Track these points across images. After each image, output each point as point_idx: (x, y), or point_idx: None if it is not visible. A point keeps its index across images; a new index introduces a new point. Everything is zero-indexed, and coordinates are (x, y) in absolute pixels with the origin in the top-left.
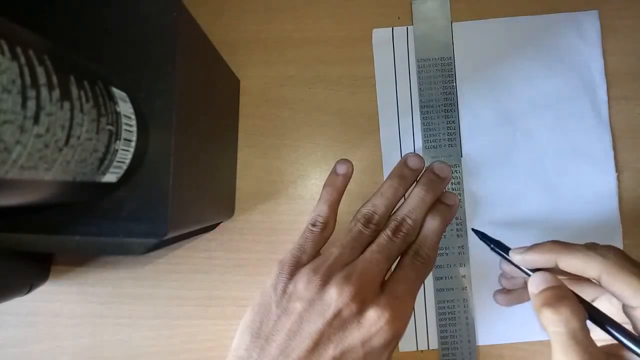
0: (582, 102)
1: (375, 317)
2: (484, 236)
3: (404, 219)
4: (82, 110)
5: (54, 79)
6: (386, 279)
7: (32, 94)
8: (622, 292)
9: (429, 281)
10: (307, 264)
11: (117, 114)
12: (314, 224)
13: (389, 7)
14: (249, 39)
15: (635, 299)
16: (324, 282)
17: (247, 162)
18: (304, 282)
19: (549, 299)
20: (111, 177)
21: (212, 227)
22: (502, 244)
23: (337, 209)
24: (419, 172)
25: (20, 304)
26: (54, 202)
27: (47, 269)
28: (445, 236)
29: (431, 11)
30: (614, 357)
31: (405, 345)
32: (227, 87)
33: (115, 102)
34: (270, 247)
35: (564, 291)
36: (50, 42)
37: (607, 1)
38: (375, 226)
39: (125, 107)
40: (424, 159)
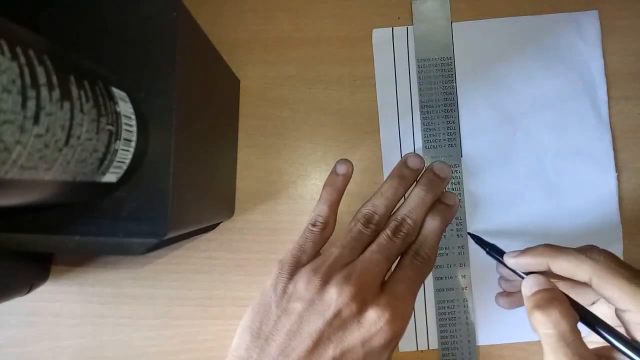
0: (582, 102)
1: (375, 317)
2: (480, 240)
3: (404, 219)
4: (82, 110)
5: (54, 79)
6: (386, 279)
7: (32, 94)
8: (612, 296)
9: (429, 281)
10: (307, 264)
11: (117, 114)
12: (314, 224)
13: (389, 7)
14: (249, 39)
15: (624, 302)
16: (324, 282)
17: (247, 162)
18: (304, 282)
19: (539, 301)
20: (111, 177)
21: (212, 227)
22: (497, 248)
23: (337, 209)
24: (419, 172)
25: (20, 304)
26: (54, 202)
27: (47, 269)
28: (445, 236)
29: (431, 11)
30: (606, 359)
31: (405, 345)
32: (227, 87)
33: (115, 102)
34: (270, 247)
35: (555, 293)
36: (50, 42)
37: (607, 1)
38: (375, 226)
39: (125, 107)
40: (424, 159)
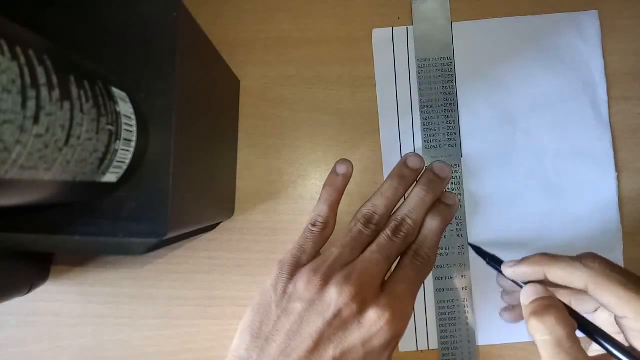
0: (582, 102)
1: (375, 317)
2: (480, 251)
3: (404, 219)
4: (82, 110)
5: (54, 79)
6: (386, 279)
7: (32, 94)
8: (609, 302)
9: (429, 281)
10: (307, 264)
11: (117, 114)
12: (314, 224)
13: (389, 7)
14: (249, 39)
15: (621, 309)
16: (324, 282)
17: (247, 162)
18: (304, 282)
19: (535, 308)
20: (111, 177)
21: (212, 227)
22: (497, 258)
23: (337, 209)
24: (419, 172)
25: (20, 304)
26: (54, 202)
27: (47, 269)
28: (445, 236)
29: (431, 11)
30: None
31: (405, 345)
32: (227, 87)
33: (115, 102)
34: (270, 247)
35: (551, 301)
36: (50, 42)
37: (607, 1)
38: (375, 226)
39: (125, 107)
40: (424, 159)
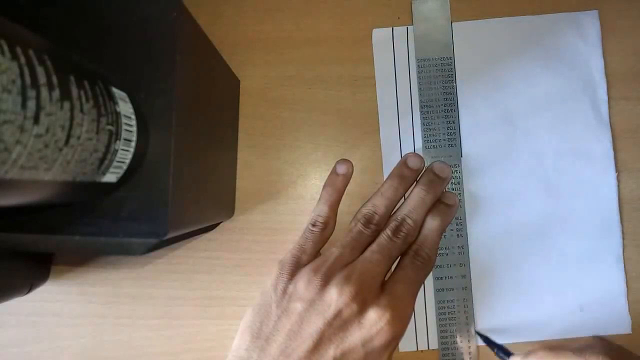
0: (582, 102)
1: (375, 317)
2: (488, 340)
3: (404, 219)
4: (82, 110)
5: (54, 79)
6: (386, 279)
7: (32, 94)
8: None
9: (429, 281)
10: (307, 264)
11: (117, 114)
12: (314, 224)
13: (389, 7)
14: (249, 39)
15: None
16: (324, 282)
17: (247, 162)
18: (304, 282)
19: None
20: (111, 177)
21: (212, 227)
22: (505, 349)
23: (337, 209)
24: (419, 172)
25: (20, 304)
26: (54, 202)
27: (47, 269)
28: (445, 236)
29: (431, 11)
30: None
31: (405, 345)
32: (227, 87)
33: (115, 102)
34: (270, 247)
35: None
36: (50, 42)
37: (607, 1)
38: (375, 226)
39: (125, 107)
40: (424, 159)
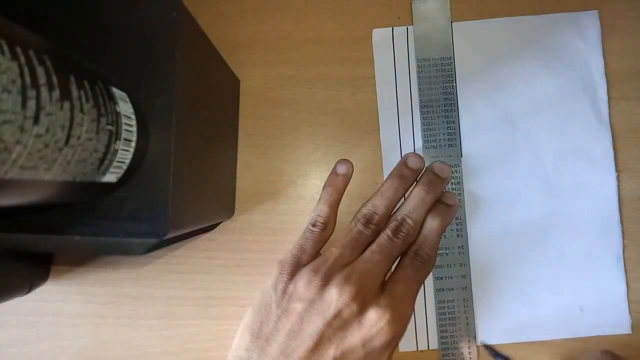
0: (582, 102)
1: (375, 317)
2: (493, 352)
3: (404, 219)
4: (82, 110)
5: (54, 79)
6: (386, 279)
7: (32, 94)
8: None
9: (429, 281)
10: (307, 264)
11: (117, 114)
12: (314, 224)
13: (389, 7)
14: (249, 39)
15: None
16: (324, 282)
17: (247, 162)
18: (304, 282)
19: None
20: (111, 177)
21: (212, 227)
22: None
23: (337, 209)
24: (419, 172)
25: (20, 304)
26: (54, 202)
27: (47, 269)
28: (445, 236)
29: (431, 11)
30: None
31: (405, 345)
32: (227, 87)
33: (115, 102)
34: (270, 247)
35: None
36: (50, 42)
37: (607, 1)
38: (375, 226)
39: (125, 107)
40: (424, 159)
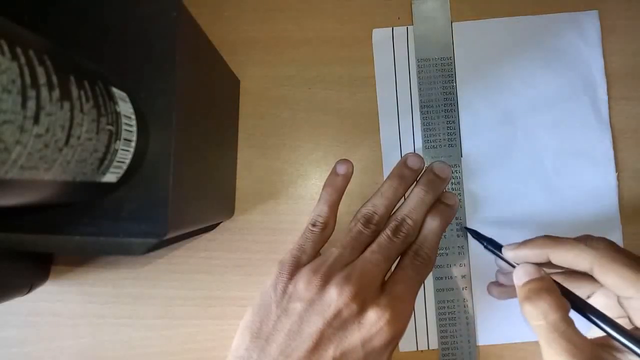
0: (582, 102)
1: (375, 317)
2: (477, 234)
3: (404, 219)
4: (82, 110)
5: (54, 79)
6: (386, 279)
7: (32, 94)
8: (614, 283)
9: (429, 281)
10: (307, 264)
11: (117, 114)
12: (314, 224)
13: (389, 7)
14: (249, 39)
15: (626, 290)
16: (324, 282)
17: (247, 162)
18: (304, 282)
19: (527, 292)
20: (111, 177)
21: (212, 227)
22: (495, 242)
23: (337, 209)
24: (419, 172)
25: (20, 304)
26: (54, 202)
27: (47, 269)
28: (445, 236)
29: (431, 11)
30: (607, 347)
31: (405, 345)
32: (227, 87)
33: (115, 102)
34: (270, 247)
35: (543, 283)
36: (50, 42)
37: (607, 1)
38: (375, 226)
39: (125, 107)
40: (423, 159)
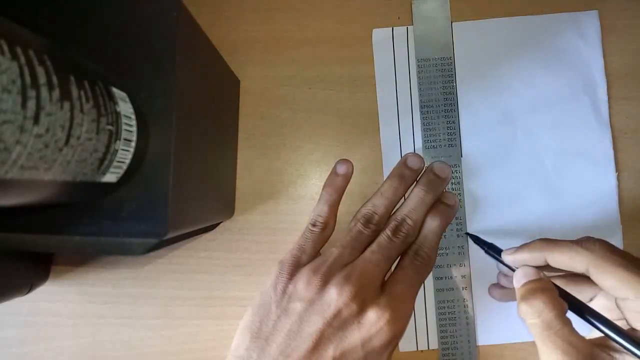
0: (582, 102)
1: (375, 317)
2: (478, 240)
3: (404, 219)
4: (82, 110)
5: (54, 79)
6: (386, 279)
7: (32, 94)
8: (610, 284)
9: (429, 281)
10: (307, 264)
11: (117, 114)
12: (314, 224)
13: (389, 7)
14: (249, 39)
15: (622, 290)
16: (323, 282)
17: (247, 162)
18: (304, 282)
19: (524, 292)
20: (111, 177)
21: (212, 227)
22: (496, 247)
23: (337, 209)
24: (419, 172)
25: (20, 304)
26: (54, 202)
27: (47, 269)
28: (445, 236)
29: (431, 11)
30: (605, 347)
31: (405, 345)
32: (227, 87)
33: (115, 102)
34: (270, 247)
35: (540, 284)
36: (50, 42)
37: (607, 1)
38: (375, 226)
39: (125, 107)
40: (423, 159)
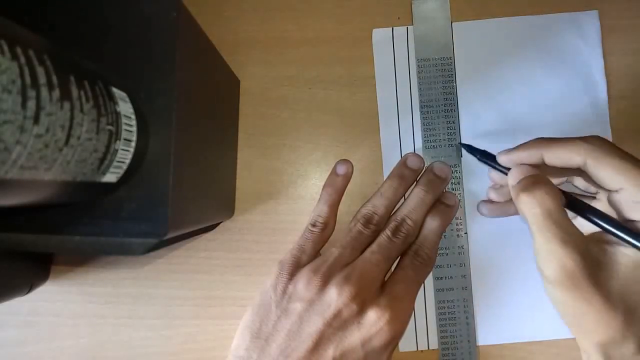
0: (582, 102)
1: (375, 317)
2: (471, 148)
3: (404, 220)
4: (82, 110)
5: (54, 79)
6: (386, 279)
7: (32, 94)
8: (606, 175)
9: (429, 281)
10: (307, 264)
11: (117, 114)
12: (314, 224)
13: (389, 7)
14: (249, 39)
15: (618, 180)
16: (323, 282)
17: (247, 162)
18: (304, 282)
19: (524, 183)
20: (111, 177)
21: (212, 227)
22: (488, 153)
23: (337, 209)
24: (418, 172)
25: (20, 304)
26: (54, 202)
27: (47, 269)
28: (445, 236)
29: (431, 11)
30: (599, 242)
31: (405, 345)
32: (227, 87)
33: (115, 102)
34: (270, 247)
35: (540, 177)
36: (50, 42)
37: (607, 1)
38: (375, 226)
39: (125, 107)
40: (423, 159)
